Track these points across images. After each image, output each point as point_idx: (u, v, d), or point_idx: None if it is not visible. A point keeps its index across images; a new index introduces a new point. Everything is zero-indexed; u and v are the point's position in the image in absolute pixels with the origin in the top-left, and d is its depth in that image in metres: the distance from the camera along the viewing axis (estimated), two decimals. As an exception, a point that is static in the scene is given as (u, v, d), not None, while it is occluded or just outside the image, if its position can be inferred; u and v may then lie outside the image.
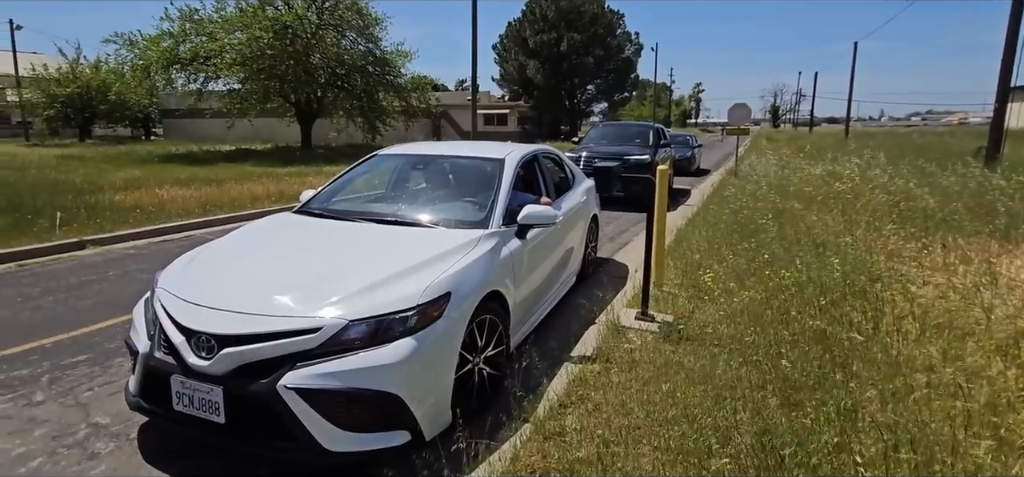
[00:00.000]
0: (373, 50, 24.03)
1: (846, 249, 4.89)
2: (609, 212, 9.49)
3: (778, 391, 2.65)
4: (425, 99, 26.89)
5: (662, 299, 4.33)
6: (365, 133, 24.73)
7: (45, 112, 30.37)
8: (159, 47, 19.94)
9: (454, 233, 3.14)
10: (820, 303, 3.59)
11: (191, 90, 21.77)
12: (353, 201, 4.02)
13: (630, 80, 48.98)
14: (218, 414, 2.25)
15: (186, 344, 2.34)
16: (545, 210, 3.49)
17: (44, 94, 29.71)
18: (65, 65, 30.77)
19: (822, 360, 2.87)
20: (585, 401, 2.85)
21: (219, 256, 3.05)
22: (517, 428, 2.61)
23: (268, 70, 20.43)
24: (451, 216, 3.47)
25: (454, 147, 4.64)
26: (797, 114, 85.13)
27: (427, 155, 4.53)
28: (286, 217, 3.72)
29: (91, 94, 30.66)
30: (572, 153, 10.75)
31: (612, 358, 3.33)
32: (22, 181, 11.11)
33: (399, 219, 3.42)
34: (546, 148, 5.12)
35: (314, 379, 2.17)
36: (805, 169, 10.82)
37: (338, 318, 2.29)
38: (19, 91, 30.72)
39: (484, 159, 4.06)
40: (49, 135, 32.65)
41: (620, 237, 7.72)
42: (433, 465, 2.28)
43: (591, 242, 5.47)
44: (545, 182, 4.52)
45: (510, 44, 46.23)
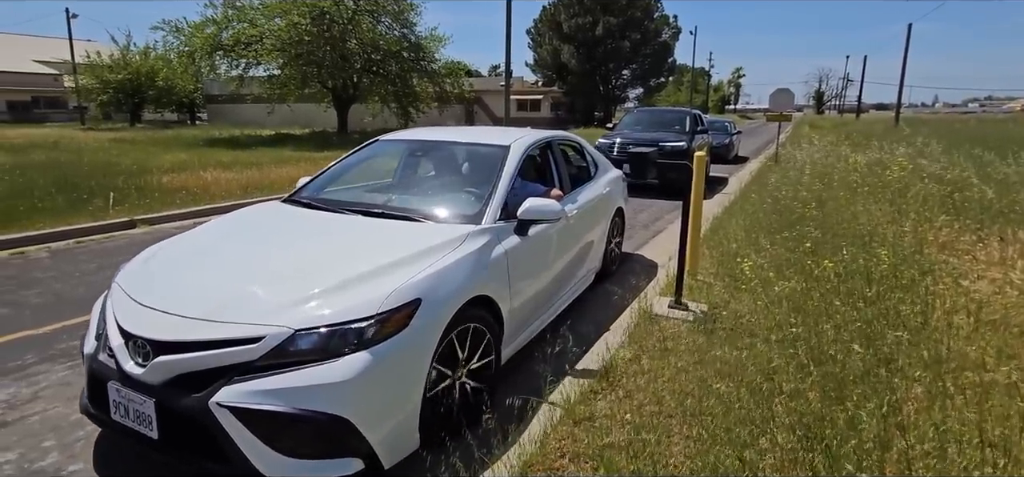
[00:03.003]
0: (408, 36, 24.19)
1: (894, 240, 4.68)
2: (643, 199, 9.35)
3: (818, 384, 2.57)
4: (458, 84, 26.94)
5: (696, 288, 4.25)
6: (399, 118, 24.99)
7: (99, 97, 31.86)
8: (203, 34, 20.58)
9: (442, 229, 2.81)
10: (866, 295, 3.45)
11: (233, 76, 22.41)
12: (346, 190, 3.77)
13: (667, 65, 47.85)
14: (151, 428, 2.03)
15: (124, 348, 2.13)
16: (548, 204, 3.10)
17: (98, 80, 31.14)
18: (117, 52, 32.13)
19: (866, 354, 2.76)
20: (616, 388, 2.83)
21: (182, 251, 2.80)
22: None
23: (306, 56, 20.84)
24: (442, 209, 3.15)
25: (459, 133, 4.24)
26: (843, 100, 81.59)
27: (429, 141, 4.19)
28: (270, 207, 3.43)
29: (141, 80, 31.97)
30: (605, 139, 10.61)
31: (644, 346, 3.29)
32: (79, 163, 11.70)
33: (388, 211, 3.10)
34: (564, 135, 4.74)
35: (251, 397, 1.92)
36: (851, 157, 10.38)
37: (282, 327, 2.02)
38: (75, 77, 32.30)
39: (488, 146, 3.70)
40: (102, 119, 34.27)
41: (654, 224, 7.60)
42: (462, 448, 2.31)
43: (615, 237, 5.09)
44: (558, 172, 4.14)
45: (544, 28, 45.74)
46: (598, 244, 4.53)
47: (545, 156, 4.14)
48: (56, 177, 9.24)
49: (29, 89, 41.47)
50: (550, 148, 4.16)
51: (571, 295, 4.00)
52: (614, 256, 5.12)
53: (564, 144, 4.62)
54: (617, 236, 5.17)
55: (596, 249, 4.50)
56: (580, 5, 42.91)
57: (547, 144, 4.13)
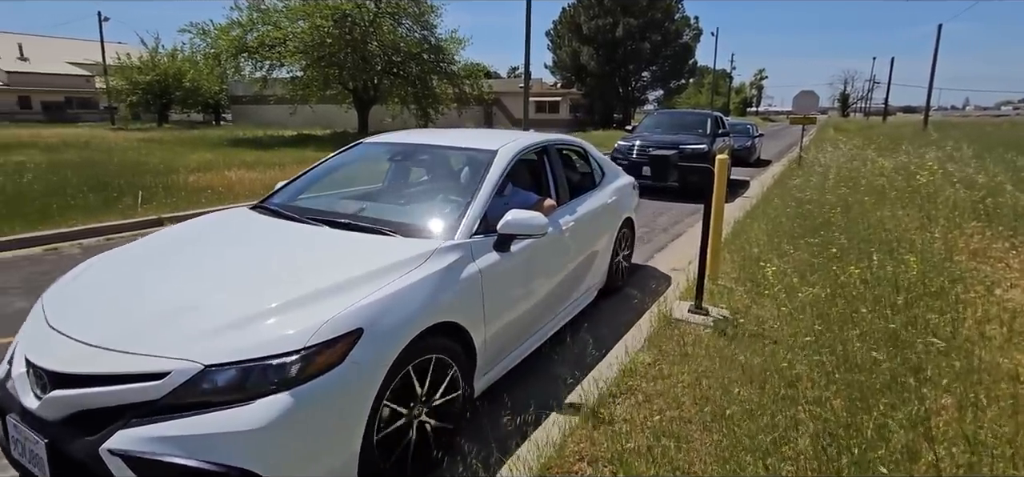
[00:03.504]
0: (428, 37, 24.35)
1: (923, 247, 4.56)
2: (663, 202, 9.27)
3: (843, 392, 2.52)
4: (478, 86, 27.03)
5: (717, 293, 4.20)
6: (419, 119, 25.18)
7: (128, 98, 32.78)
8: (229, 36, 21.00)
9: (407, 244, 2.51)
10: (894, 303, 3.37)
11: (257, 77, 22.82)
12: (320, 197, 3.48)
13: (687, 66, 47.40)
14: (44, 473, 1.77)
15: (25, 377, 1.90)
16: (532, 218, 2.74)
17: (127, 81, 32.03)
18: (146, 54, 33.01)
19: (893, 363, 2.70)
20: (635, 392, 2.81)
21: (117, 263, 2.54)
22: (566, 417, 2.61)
23: (328, 58, 21.13)
24: (413, 221, 2.85)
25: (447, 136, 3.88)
26: (869, 103, 79.80)
27: (411, 145, 3.89)
28: (233, 215, 3.20)
29: (168, 81, 32.81)
30: (625, 141, 10.55)
31: (664, 350, 3.26)
32: (109, 162, 12.04)
33: (356, 222, 2.79)
34: (565, 138, 4.40)
35: (148, 443, 1.65)
36: (878, 161, 10.15)
37: (190, 362, 1.74)
38: (106, 79, 33.26)
39: (474, 150, 3.39)
40: (131, 120, 35.22)
41: (673, 228, 7.53)
42: (480, 449, 2.32)
43: (623, 250, 4.70)
44: (554, 180, 3.76)
45: (564, 30, 45.69)
46: (601, 257, 4.19)
47: (540, 162, 3.80)
48: (88, 176, 9.51)
49: (62, 90, 42.79)
50: (546, 153, 3.79)
51: (567, 315, 3.67)
52: (621, 270, 4.73)
53: (565, 148, 4.33)
54: (625, 248, 4.80)
55: (599, 263, 4.16)
56: (600, 6, 42.78)
57: (543, 149, 3.77)
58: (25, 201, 7.30)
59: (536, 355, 3.35)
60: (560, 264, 3.46)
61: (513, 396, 2.79)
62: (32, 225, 6.29)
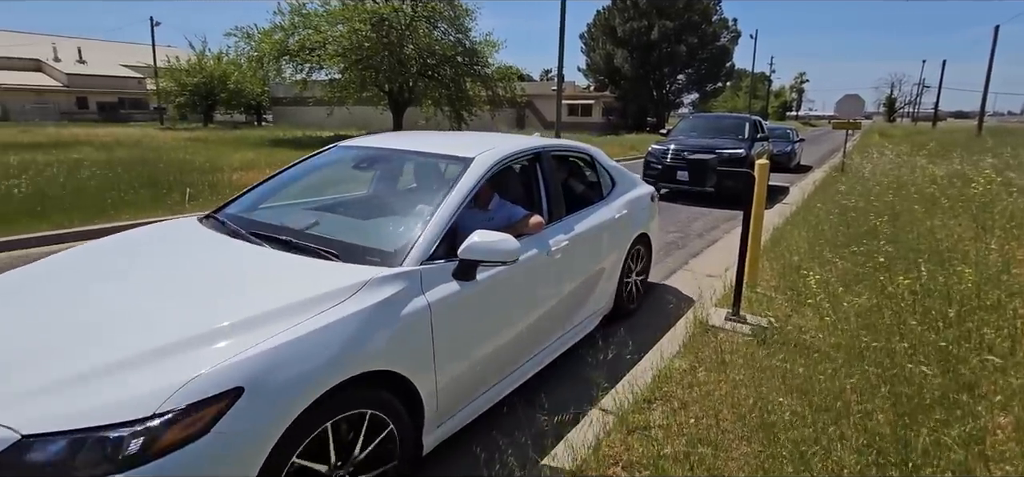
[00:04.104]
0: (463, 40, 24.59)
1: (978, 259, 4.35)
2: (698, 207, 9.12)
3: (889, 407, 2.43)
4: (511, 89, 27.13)
5: (756, 300, 4.10)
6: (452, 122, 25.44)
7: (176, 99, 34.21)
8: (271, 39, 21.68)
9: (342, 271, 2.10)
10: (946, 316, 3.23)
11: (297, 79, 23.48)
12: (278, 206, 3.10)
13: (725, 69, 46.42)
14: None
15: None
16: (498, 241, 2.25)
17: (176, 83, 33.44)
18: (193, 57, 34.42)
19: (945, 378, 2.59)
20: (671, 398, 2.77)
21: (8, 288, 2.20)
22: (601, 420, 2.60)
23: (365, 61, 21.58)
24: (359, 242, 2.39)
25: (422, 140, 3.35)
26: (918, 107, 76.48)
27: (383, 149, 3.42)
28: (170, 228, 2.88)
29: (214, 83, 34.09)
30: (659, 145, 10.41)
31: (700, 357, 3.21)
32: (158, 160, 12.59)
33: (297, 241, 2.38)
34: (566, 145, 3.94)
35: None
36: (928, 168, 9.73)
37: (4, 428, 1.39)
38: (156, 81, 34.81)
39: (447, 158, 2.94)
40: (178, 120, 36.73)
41: (709, 233, 7.39)
42: (519, 441, 2.34)
43: (636, 269, 4.21)
44: (547, 192, 3.23)
45: (598, 33, 45.41)
46: (607, 279, 3.73)
47: (533, 171, 3.30)
48: (139, 173, 9.97)
49: (117, 91, 44.98)
50: (539, 161, 3.29)
51: (561, 346, 3.23)
52: (633, 293, 4.23)
53: (567, 155, 3.92)
54: (639, 267, 4.28)
55: (604, 285, 3.70)
56: (635, 9, 42.35)
57: (535, 156, 3.28)
58: (83, 196, 7.71)
59: (568, 357, 3.35)
60: (549, 290, 2.99)
61: (549, 397, 2.80)
62: (90, 218, 6.64)
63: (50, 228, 6.23)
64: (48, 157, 12.06)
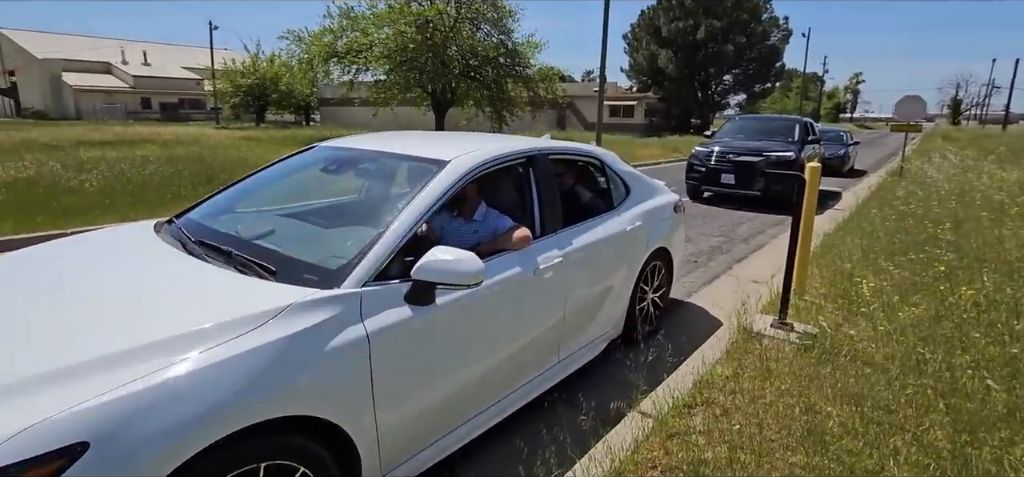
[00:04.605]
0: (505, 42, 24.73)
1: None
2: (742, 212, 8.88)
3: (949, 422, 2.32)
4: (552, 90, 27.10)
5: (804, 308, 3.97)
6: (493, 122, 25.63)
7: (231, 100, 35.87)
8: (321, 42, 22.45)
9: (269, 292, 1.82)
10: (1013, 329, 3.05)
11: (344, 81, 24.21)
12: (241, 212, 2.81)
13: (774, 70, 44.92)
14: None
15: None
16: (456, 261, 1.93)
17: (231, 84, 35.05)
18: (248, 59, 36.00)
19: (1012, 394, 2.44)
20: (712, 404, 2.72)
21: None
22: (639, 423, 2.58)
23: (410, 62, 22.03)
24: (305, 256, 2.11)
25: (405, 141, 2.97)
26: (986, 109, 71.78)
27: (359, 150, 3.03)
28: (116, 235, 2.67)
29: (266, 85, 35.57)
30: (702, 147, 10.19)
31: (743, 363, 3.13)
32: (214, 158, 13.23)
33: (240, 254, 2.09)
34: (568, 147, 3.44)
35: None
36: (996, 173, 9.14)
37: None
38: (214, 82, 36.57)
39: (421, 160, 2.56)
40: (233, 119, 38.47)
41: (754, 238, 7.18)
42: (559, 438, 2.35)
43: (652, 289, 3.75)
44: (540, 201, 2.82)
45: (642, 33, 44.78)
46: (614, 300, 3.30)
47: (524, 177, 2.90)
48: (197, 169, 10.52)
49: (177, 92, 47.52)
50: (532, 166, 2.86)
51: (553, 377, 2.84)
52: (649, 314, 3.75)
53: (568, 159, 3.50)
54: (656, 286, 3.81)
55: (611, 307, 3.27)
56: (681, 8, 41.54)
57: (527, 160, 2.86)
58: (147, 190, 8.21)
59: (607, 359, 3.34)
60: (535, 314, 2.62)
61: (589, 397, 2.80)
62: (153, 211, 7.05)
63: (117, 219, 6.66)
64: (116, 154, 12.87)
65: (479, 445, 2.42)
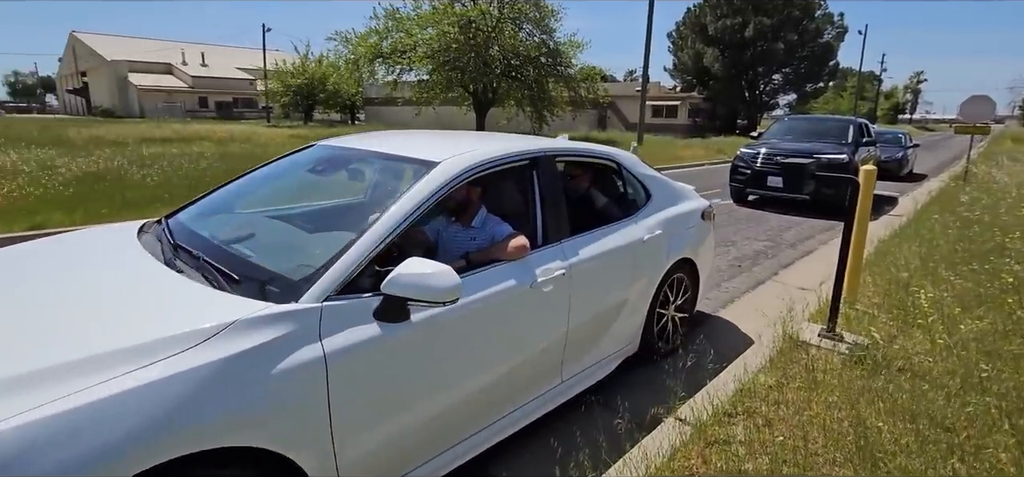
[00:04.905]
0: (547, 41, 24.70)
1: None
2: (790, 216, 8.56)
3: (1014, 444, 2.17)
4: (593, 90, 26.89)
5: (855, 318, 3.79)
6: (533, 122, 25.65)
7: (281, 99, 37.28)
8: (367, 43, 23.05)
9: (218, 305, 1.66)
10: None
11: (388, 80, 24.75)
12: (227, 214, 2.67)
13: (827, 68, 43.07)
14: None
15: None
16: (426, 274, 1.74)
17: (281, 84, 36.43)
18: (297, 60, 37.33)
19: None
20: (754, 414, 2.64)
21: None
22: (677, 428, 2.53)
23: (452, 62, 22.32)
24: (272, 265, 1.93)
25: (397, 141, 2.76)
26: (1065, 110, 66.59)
27: (351, 150, 2.83)
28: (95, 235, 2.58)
29: (314, 84, 36.80)
30: (748, 148, 9.88)
31: (788, 373, 3.02)
32: (265, 154, 13.77)
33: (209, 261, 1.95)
34: (579, 148, 3.12)
35: None
36: (1074, 180, 8.48)
37: None
38: (265, 82, 38.08)
39: (410, 161, 2.37)
40: (282, 118, 39.94)
41: (802, 244, 6.91)
42: (595, 440, 2.33)
43: (672, 302, 3.45)
44: (542, 206, 2.58)
45: (687, 31, 43.82)
46: (629, 315, 3.03)
47: (527, 181, 2.65)
48: (247, 166, 10.96)
49: (231, 92, 49.78)
50: (535, 168, 2.62)
51: (547, 402, 2.57)
52: (669, 330, 3.46)
53: (581, 162, 3.27)
54: (679, 300, 3.52)
55: (624, 323, 3.00)
56: (729, 6, 40.40)
57: (531, 162, 2.62)
58: (203, 185, 8.61)
59: (645, 362, 3.28)
60: (530, 332, 2.40)
61: (627, 400, 2.76)
62: (207, 206, 7.42)
63: (176, 213, 7.02)
64: (175, 150, 13.59)
65: (512, 442, 2.43)
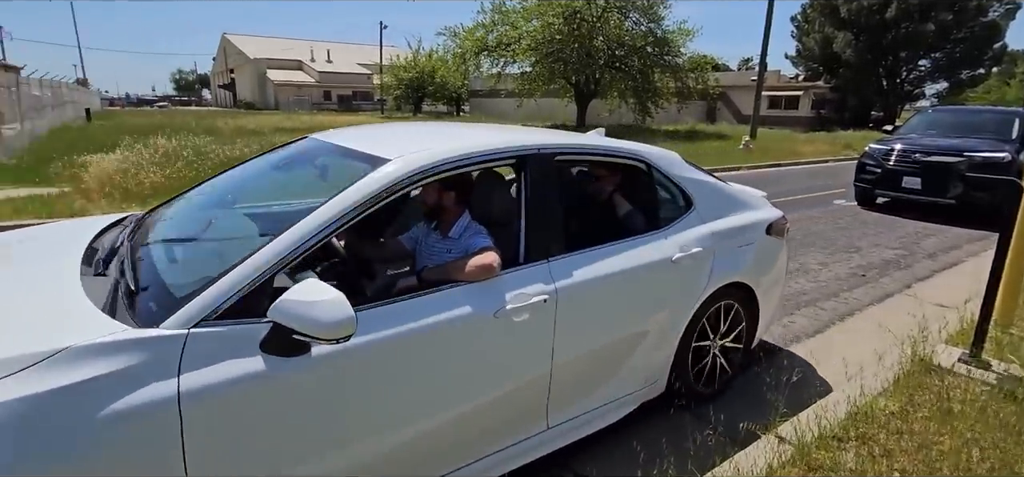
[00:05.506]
0: (654, 30, 23.86)
1: None
2: (929, 223, 7.55)
3: None
4: (703, 79, 25.52)
5: (1008, 344, 3.26)
6: (636, 114, 24.95)
7: (394, 92, 39.86)
8: (473, 36, 23.85)
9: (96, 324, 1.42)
10: None
11: (492, 73, 25.38)
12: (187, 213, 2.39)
13: (990, 52, 36.88)
14: None
15: None
16: (311, 301, 1.41)
17: (394, 78, 38.94)
18: (410, 55, 39.65)
19: None
20: (869, 441, 2.37)
21: None
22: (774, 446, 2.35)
23: (556, 54, 22.35)
24: (176, 278, 1.69)
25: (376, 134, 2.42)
26: None
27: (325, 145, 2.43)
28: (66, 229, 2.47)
29: (424, 78, 38.92)
30: (879, 144, 8.79)
31: (916, 400, 2.68)
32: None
33: (126, 272, 1.76)
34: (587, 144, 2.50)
35: None
36: None
37: None
38: (381, 76, 40.88)
39: (361, 157, 2.02)
40: (395, 110, 42.63)
41: (944, 255, 6.05)
42: (682, 449, 2.24)
43: (717, 335, 2.80)
44: (527, 215, 2.11)
45: (815, 14, 39.84)
46: (650, 350, 2.48)
47: (517, 184, 2.26)
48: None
49: (351, 86, 54.11)
50: (524, 169, 2.15)
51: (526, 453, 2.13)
52: (715, 370, 2.84)
53: (598, 161, 2.71)
54: (729, 331, 2.86)
55: (642, 359, 2.46)
56: (866, -16, 36.10)
57: (518, 161, 2.15)
58: (322, 172, 9.45)
59: (740, 374, 3.08)
60: (492, 371, 1.97)
61: (720, 411, 2.61)
62: (326, 191, 8.12)
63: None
64: (301, 139, 14.99)
65: (595, 440, 2.40)
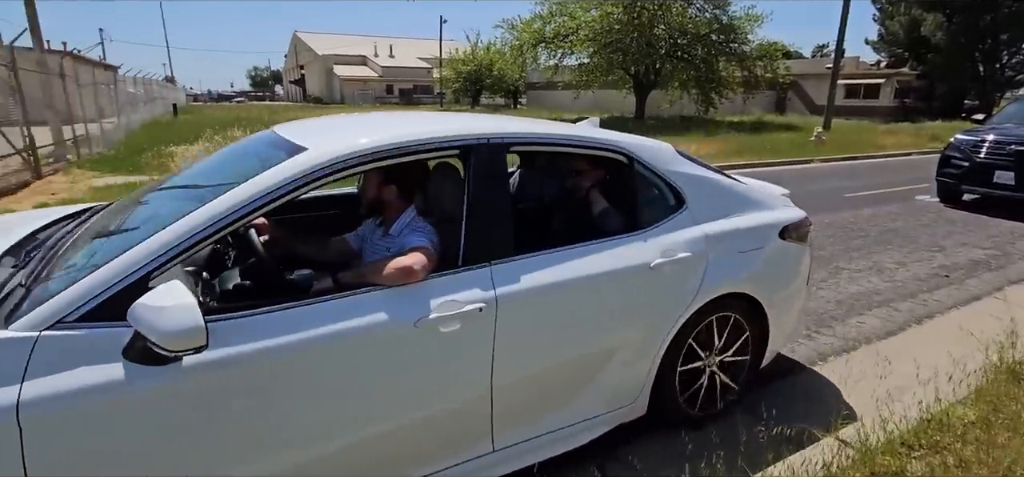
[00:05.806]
0: (719, 16, 22.91)
1: None
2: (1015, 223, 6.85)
3: None
4: (772, 68, 24.24)
5: (1116, 355, 2.93)
6: (699, 105, 24.09)
7: (453, 85, 40.62)
8: (531, 28, 23.80)
9: None
10: None
11: (549, 65, 25.25)
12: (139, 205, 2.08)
13: (1110, 33, 32.87)
14: None
15: None
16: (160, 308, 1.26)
17: (453, 71, 39.64)
18: (468, 49, 40.22)
19: None
20: (942, 450, 2.22)
21: None
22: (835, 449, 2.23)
23: (614, 44, 21.92)
24: (60, 277, 1.55)
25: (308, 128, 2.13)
26: None
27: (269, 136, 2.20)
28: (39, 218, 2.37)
29: (482, 71, 39.38)
30: (966, 134, 8.05)
31: (1000, 410, 2.46)
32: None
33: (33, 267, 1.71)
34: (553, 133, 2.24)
35: None
36: None
37: None
38: (440, 70, 41.72)
39: (282, 147, 1.86)
40: (454, 102, 43.47)
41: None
42: (730, 441, 2.19)
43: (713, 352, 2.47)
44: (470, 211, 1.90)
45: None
46: (623, 366, 2.20)
47: (455, 178, 2.14)
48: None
49: (411, 79, 55.64)
50: (467, 160, 1.94)
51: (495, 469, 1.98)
52: (712, 389, 2.52)
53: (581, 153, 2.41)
54: (726, 347, 2.51)
55: (615, 376, 2.20)
56: (961, -40, 32.98)
57: (463, 150, 1.94)
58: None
59: (801, 369, 2.94)
60: (411, 388, 1.77)
61: (773, 409, 2.51)
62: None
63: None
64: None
65: (637, 433, 2.38)
